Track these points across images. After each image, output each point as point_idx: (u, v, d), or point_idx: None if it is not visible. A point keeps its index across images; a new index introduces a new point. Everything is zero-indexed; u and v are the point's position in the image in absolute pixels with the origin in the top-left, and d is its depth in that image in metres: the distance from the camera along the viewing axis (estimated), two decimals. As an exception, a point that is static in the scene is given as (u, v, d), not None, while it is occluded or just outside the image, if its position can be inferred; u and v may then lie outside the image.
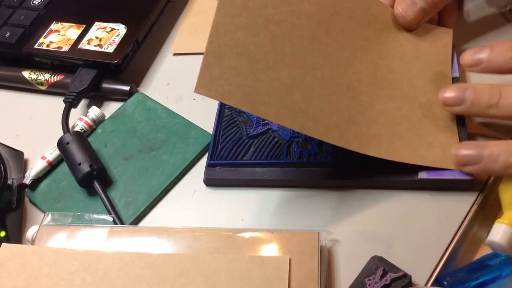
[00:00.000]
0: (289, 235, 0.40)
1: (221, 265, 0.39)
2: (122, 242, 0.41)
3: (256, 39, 0.40)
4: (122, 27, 0.56)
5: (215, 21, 0.39)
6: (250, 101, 0.38)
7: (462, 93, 0.40)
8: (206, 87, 0.38)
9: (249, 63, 0.39)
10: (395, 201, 0.42)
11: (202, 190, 0.46)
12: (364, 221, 0.42)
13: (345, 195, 0.43)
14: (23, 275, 0.40)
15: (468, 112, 0.41)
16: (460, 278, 0.37)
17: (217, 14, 0.39)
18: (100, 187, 0.46)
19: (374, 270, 0.38)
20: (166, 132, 0.50)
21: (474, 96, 0.39)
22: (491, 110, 0.39)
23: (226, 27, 0.39)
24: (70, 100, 0.52)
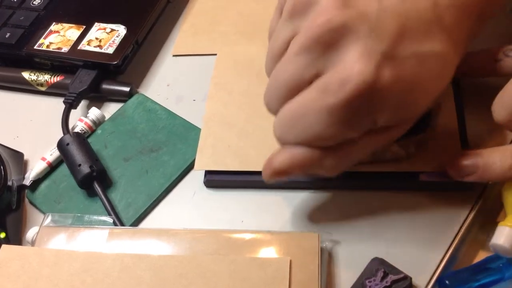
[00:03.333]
0: (289, 236, 0.40)
1: (221, 266, 0.39)
2: (122, 243, 0.41)
3: (239, 113, 0.48)
4: (122, 28, 0.56)
5: (207, 111, 0.48)
6: (242, 163, 0.44)
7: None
8: (205, 164, 0.45)
9: (236, 133, 0.46)
10: (396, 203, 0.42)
11: (202, 192, 0.46)
12: (364, 222, 0.42)
13: (346, 196, 0.43)
14: (23, 277, 0.40)
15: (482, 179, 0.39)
16: (462, 279, 0.37)
17: (208, 101, 0.49)
18: (100, 188, 0.46)
19: (374, 272, 0.38)
20: (166, 133, 0.50)
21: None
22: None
23: (215, 114, 0.48)
24: (70, 101, 0.52)
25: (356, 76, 0.32)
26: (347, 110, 0.33)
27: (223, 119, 0.47)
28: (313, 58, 0.34)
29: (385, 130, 0.36)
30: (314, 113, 0.34)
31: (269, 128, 0.45)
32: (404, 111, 0.36)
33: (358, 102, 0.33)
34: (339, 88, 0.33)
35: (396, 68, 0.33)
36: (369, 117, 0.34)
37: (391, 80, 0.33)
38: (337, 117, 0.34)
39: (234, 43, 0.55)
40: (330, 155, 0.36)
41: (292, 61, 0.35)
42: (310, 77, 0.34)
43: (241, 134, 0.46)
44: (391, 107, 0.34)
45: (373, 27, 0.33)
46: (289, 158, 0.37)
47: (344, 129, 0.35)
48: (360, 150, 0.37)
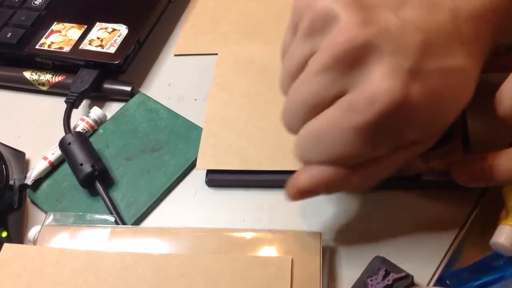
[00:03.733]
0: (291, 235, 0.40)
1: (222, 265, 0.39)
2: (124, 242, 0.41)
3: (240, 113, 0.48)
4: (124, 28, 0.56)
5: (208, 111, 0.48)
6: (244, 162, 0.45)
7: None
8: (206, 164, 0.45)
9: (237, 133, 0.46)
10: (397, 202, 0.42)
11: (203, 191, 0.46)
12: (366, 221, 0.42)
13: (347, 195, 0.43)
14: (25, 275, 0.40)
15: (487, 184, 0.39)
16: (463, 277, 0.37)
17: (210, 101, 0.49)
18: (101, 187, 0.46)
19: (376, 270, 0.38)
20: (167, 133, 0.50)
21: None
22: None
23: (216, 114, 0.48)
24: (72, 101, 0.52)
25: (385, 94, 0.31)
26: (375, 128, 0.32)
27: (224, 119, 0.47)
28: (336, 77, 0.33)
29: (412, 145, 0.35)
30: (339, 132, 0.33)
31: (270, 128, 0.46)
32: (431, 125, 0.35)
33: (387, 120, 0.32)
34: (367, 107, 0.32)
35: (423, 84, 0.32)
36: (397, 135, 0.34)
37: (419, 97, 0.32)
38: (365, 136, 0.33)
39: (235, 42, 0.55)
40: (356, 174, 0.36)
41: (312, 80, 0.34)
42: (332, 96, 0.33)
43: (242, 133, 0.46)
44: (419, 123, 0.33)
45: (396, 43, 0.32)
46: (313, 178, 0.36)
47: (372, 147, 0.34)
48: (386, 167, 0.36)
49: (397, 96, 0.31)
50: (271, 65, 0.50)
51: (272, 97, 0.48)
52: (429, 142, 0.36)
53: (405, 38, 0.32)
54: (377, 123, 0.32)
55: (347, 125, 0.33)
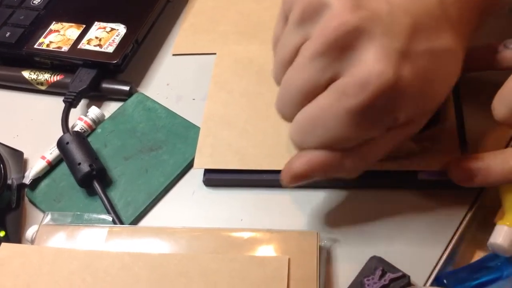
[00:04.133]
0: (288, 235, 0.40)
1: (220, 265, 0.39)
2: (122, 242, 0.42)
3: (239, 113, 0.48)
4: (122, 27, 0.56)
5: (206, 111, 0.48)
6: (242, 161, 0.45)
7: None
8: (204, 163, 0.45)
9: (236, 132, 0.46)
10: (394, 201, 0.42)
11: (201, 190, 0.46)
12: (363, 221, 0.42)
13: (344, 195, 0.43)
14: (22, 275, 0.40)
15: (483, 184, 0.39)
16: (460, 277, 0.37)
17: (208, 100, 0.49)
18: (99, 187, 0.46)
19: (373, 270, 0.38)
20: (165, 132, 0.50)
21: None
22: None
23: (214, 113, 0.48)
24: (70, 100, 0.52)
25: (377, 76, 0.32)
26: (368, 110, 0.33)
27: (223, 118, 0.47)
28: (329, 62, 0.34)
29: (404, 126, 0.36)
30: (333, 116, 0.34)
31: (268, 127, 0.46)
32: (423, 105, 0.36)
33: (380, 102, 0.33)
34: (360, 90, 0.32)
35: (413, 65, 0.33)
36: (390, 115, 0.34)
37: (410, 77, 0.33)
38: (359, 118, 0.33)
39: (234, 42, 0.56)
40: (350, 156, 0.36)
41: (306, 67, 0.35)
42: (326, 81, 0.34)
43: (241, 133, 0.46)
44: (411, 103, 0.34)
45: (387, 27, 0.33)
46: (308, 162, 0.37)
47: (366, 129, 0.35)
48: (380, 149, 0.37)
49: (389, 78, 0.32)
50: (270, 65, 0.50)
51: (271, 97, 0.48)
52: (421, 122, 0.37)
53: (395, 21, 0.33)
54: (370, 106, 0.33)
55: (340, 109, 0.33)
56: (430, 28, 0.34)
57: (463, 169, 0.38)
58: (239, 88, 0.49)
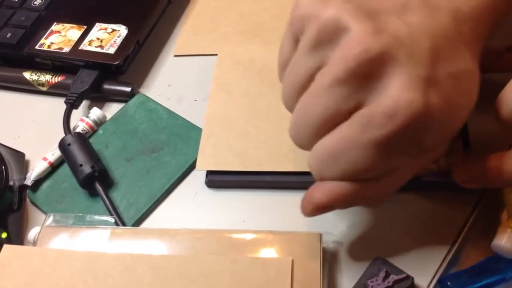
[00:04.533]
0: (291, 237, 0.40)
1: (222, 266, 0.39)
2: (124, 243, 0.41)
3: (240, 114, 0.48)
4: (123, 28, 0.56)
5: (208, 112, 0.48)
6: (244, 163, 0.44)
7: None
8: (207, 164, 0.45)
9: (238, 134, 0.46)
10: (397, 203, 0.42)
11: (203, 192, 0.46)
12: (366, 223, 0.42)
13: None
14: (24, 276, 0.40)
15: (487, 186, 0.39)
16: (463, 279, 0.37)
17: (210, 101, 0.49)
18: (101, 188, 0.46)
19: (376, 272, 0.38)
20: (167, 134, 0.50)
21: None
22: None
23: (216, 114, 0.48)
24: (71, 101, 0.52)
25: (407, 106, 0.30)
26: (396, 141, 0.32)
27: (225, 120, 0.47)
28: (351, 90, 0.32)
29: (427, 153, 0.35)
30: (358, 148, 0.32)
31: (270, 128, 0.46)
32: (448, 132, 0.34)
33: (408, 132, 0.31)
34: (388, 120, 0.31)
35: (439, 90, 0.32)
36: (416, 145, 0.33)
37: (438, 104, 0.31)
38: (385, 149, 0.32)
39: (235, 43, 0.55)
40: (373, 187, 0.35)
41: (325, 94, 0.32)
42: (348, 110, 0.32)
43: (243, 134, 0.46)
44: (438, 130, 0.33)
45: (409, 51, 0.31)
46: (330, 193, 0.35)
47: (391, 160, 0.33)
48: (404, 177, 0.36)
49: (418, 107, 0.31)
50: (271, 66, 0.50)
51: (272, 98, 0.48)
52: (444, 146, 0.36)
53: (415, 45, 0.32)
54: (397, 136, 0.31)
55: (366, 140, 0.32)
56: (449, 50, 0.33)
57: (467, 171, 0.38)
58: (241, 89, 0.49)
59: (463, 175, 0.38)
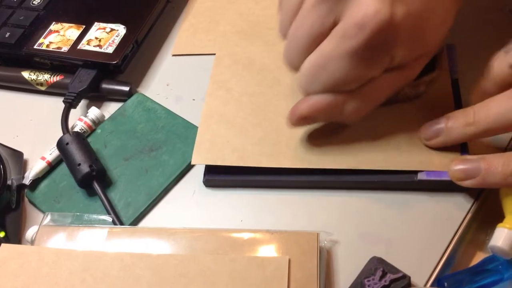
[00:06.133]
0: (288, 235, 0.40)
1: (220, 265, 0.39)
2: (122, 242, 0.41)
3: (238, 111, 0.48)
4: (122, 28, 0.56)
5: (205, 109, 0.48)
6: (241, 158, 0.44)
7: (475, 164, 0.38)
8: (203, 159, 0.45)
9: (235, 130, 0.46)
10: (394, 202, 0.42)
11: (201, 191, 0.46)
12: (363, 222, 0.42)
13: (345, 196, 0.43)
14: (22, 276, 0.40)
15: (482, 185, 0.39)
16: (460, 280, 0.37)
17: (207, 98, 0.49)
18: (99, 187, 0.46)
19: (373, 271, 0.38)
20: (165, 133, 0.50)
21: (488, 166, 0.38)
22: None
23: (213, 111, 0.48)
24: (70, 101, 0.52)
25: (373, 16, 0.34)
26: (367, 50, 0.36)
27: (222, 116, 0.47)
28: (330, 7, 0.36)
29: (401, 69, 0.39)
30: (336, 59, 0.36)
31: (267, 125, 0.46)
32: (417, 47, 0.38)
33: (377, 41, 0.35)
34: (358, 31, 0.35)
35: (406, 5, 0.35)
36: (387, 54, 0.37)
37: (404, 16, 0.35)
38: (359, 58, 0.36)
39: (234, 42, 0.55)
40: (352, 99, 0.39)
41: (310, 14, 0.37)
42: (329, 26, 0.37)
43: (240, 130, 0.46)
44: (405, 42, 0.37)
45: None
46: (313, 104, 0.40)
47: (366, 69, 0.37)
48: (380, 91, 0.40)
49: (384, 17, 0.34)
50: (270, 65, 0.51)
51: (270, 96, 0.48)
52: (416, 66, 0.40)
53: None
54: (368, 45, 0.35)
55: (341, 51, 0.36)
56: None
57: (463, 169, 0.38)
58: (238, 87, 0.49)
59: (460, 173, 0.38)
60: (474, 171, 0.38)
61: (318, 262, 0.38)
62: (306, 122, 0.42)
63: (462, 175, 0.39)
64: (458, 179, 0.39)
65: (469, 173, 0.38)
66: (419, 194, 0.42)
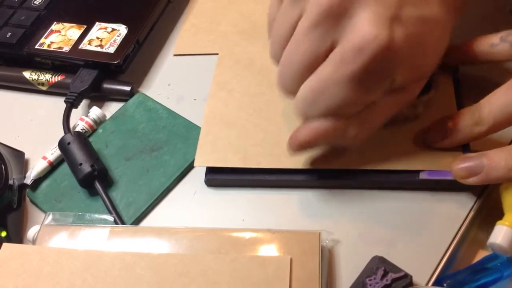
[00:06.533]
0: (290, 235, 0.40)
1: (222, 265, 0.39)
2: (123, 242, 0.41)
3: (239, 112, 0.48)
4: (123, 28, 0.56)
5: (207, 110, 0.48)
6: (243, 160, 0.44)
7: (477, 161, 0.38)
8: (205, 161, 0.45)
9: (237, 131, 0.46)
10: (396, 202, 0.42)
11: (203, 190, 0.46)
12: (365, 221, 0.42)
13: (346, 195, 0.43)
14: (24, 275, 0.40)
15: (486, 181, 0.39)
16: (461, 279, 0.37)
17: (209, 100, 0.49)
18: (101, 187, 0.46)
19: (375, 270, 0.38)
20: (167, 133, 0.50)
21: (490, 162, 0.38)
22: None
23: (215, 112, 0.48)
24: (71, 101, 0.52)
25: (372, 40, 0.34)
26: (367, 74, 0.35)
27: (224, 117, 0.47)
28: (325, 31, 0.35)
29: (401, 91, 0.38)
30: (335, 84, 0.36)
31: (269, 126, 0.46)
32: (416, 69, 0.38)
33: (376, 65, 0.35)
34: (357, 55, 0.34)
35: (404, 29, 0.35)
36: (386, 78, 0.36)
37: (402, 40, 0.35)
38: (358, 83, 0.35)
39: (235, 43, 0.55)
40: (352, 123, 0.38)
41: (304, 40, 0.36)
42: (325, 51, 0.36)
43: (242, 132, 0.46)
44: (405, 65, 0.36)
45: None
46: (313, 130, 0.39)
47: (365, 93, 0.37)
48: (380, 114, 0.39)
49: (383, 41, 0.34)
50: (271, 65, 0.50)
51: (272, 97, 0.48)
52: (416, 88, 0.40)
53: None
54: (368, 69, 0.35)
55: (340, 76, 0.35)
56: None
57: (466, 166, 0.38)
58: (240, 88, 0.49)
59: (462, 170, 0.39)
60: (477, 168, 0.38)
61: (319, 262, 0.38)
62: (306, 148, 0.41)
63: (466, 173, 0.39)
64: (462, 177, 0.39)
65: (472, 171, 0.38)
66: (420, 193, 0.42)
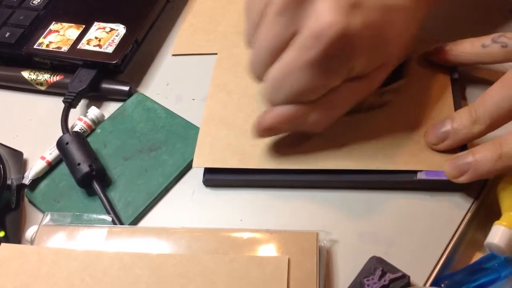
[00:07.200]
0: (288, 235, 0.40)
1: (220, 265, 0.39)
2: (121, 242, 0.42)
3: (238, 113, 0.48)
4: (122, 28, 0.56)
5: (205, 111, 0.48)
6: (241, 160, 0.44)
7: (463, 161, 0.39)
8: (203, 162, 0.45)
9: (235, 132, 0.46)
10: (393, 202, 0.42)
11: (201, 191, 0.46)
12: (363, 221, 0.42)
13: (344, 195, 0.43)
14: (22, 275, 0.40)
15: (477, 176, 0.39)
16: (458, 280, 0.37)
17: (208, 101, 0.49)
18: (99, 187, 0.46)
19: (372, 270, 0.38)
20: (165, 133, 0.50)
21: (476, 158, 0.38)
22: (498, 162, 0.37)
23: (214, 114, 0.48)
24: (70, 100, 0.52)
25: (329, 27, 0.35)
26: (325, 60, 0.36)
27: (222, 119, 0.47)
28: (289, 18, 0.36)
29: (363, 79, 0.39)
30: (296, 70, 0.37)
31: None
32: (376, 55, 0.38)
33: (334, 52, 0.36)
34: (315, 42, 0.35)
35: (364, 16, 0.36)
36: (346, 64, 0.37)
37: (360, 27, 0.36)
38: (317, 69, 0.36)
39: (233, 43, 0.55)
40: (315, 109, 0.40)
41: (270, 26, 0.37)
42: (290, 37, 0.37)
43: (240, 133, 0.46)
44: (364, 52, 0.37)
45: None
46: (277, 115, 0.40)
47: (325, 79, 0.38)
48: (342, 101, 0.40)
49: (340, 28, 0.35)
50: None
51: None
52: (378, 76, 0.40)
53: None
54: (326, 56, 0.36)
55: (300, 62, 0.37)
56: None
57: (455, 165, 0.39)
58: (239, 89, 0.49)
59: (452, 170, 0.39)
60: (465, 165, 0.38)
61: (317, 262, 0.38)
62: (271, 133, 0.42)
63: (456, 172, 0.39)
64: (454, 176, 0.39)
65: (462, 169, 0.39)
66: (418, 193, 0.42)
